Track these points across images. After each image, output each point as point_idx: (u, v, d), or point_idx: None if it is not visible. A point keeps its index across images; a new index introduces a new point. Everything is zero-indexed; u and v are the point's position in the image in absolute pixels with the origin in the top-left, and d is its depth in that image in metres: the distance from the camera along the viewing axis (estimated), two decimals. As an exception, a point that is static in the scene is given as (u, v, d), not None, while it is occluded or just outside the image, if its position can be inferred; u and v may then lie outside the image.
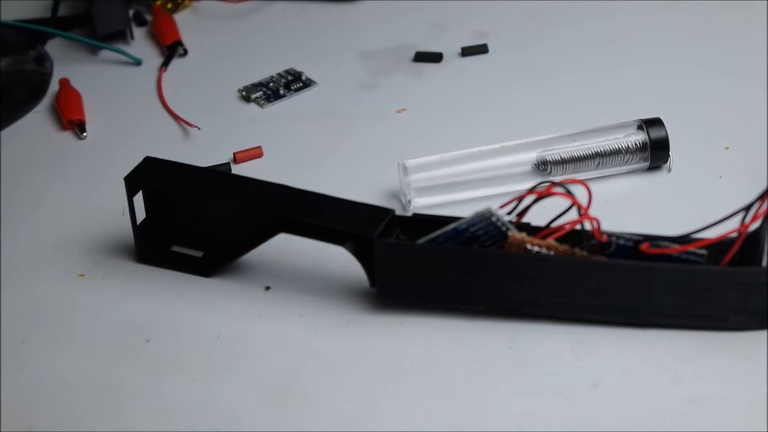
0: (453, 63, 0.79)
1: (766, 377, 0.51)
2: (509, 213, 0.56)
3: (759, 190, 0.53)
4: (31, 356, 0.56)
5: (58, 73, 0.81)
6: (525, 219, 0.56)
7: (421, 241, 0.55)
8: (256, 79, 0.79)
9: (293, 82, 0.78)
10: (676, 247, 0.53)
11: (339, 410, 0.52)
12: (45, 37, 0.85)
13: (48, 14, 0.87)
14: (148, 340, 0.56)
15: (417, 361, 0.54)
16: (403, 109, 0.75)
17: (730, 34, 0.80)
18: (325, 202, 0.58)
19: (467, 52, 0.80)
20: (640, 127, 0.65)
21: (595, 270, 0.53)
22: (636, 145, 0.65)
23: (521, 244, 0.53)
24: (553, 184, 0.54)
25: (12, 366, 0.55)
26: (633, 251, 0.54)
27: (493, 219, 0.54)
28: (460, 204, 0.64)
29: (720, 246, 0.53)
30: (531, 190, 0.55)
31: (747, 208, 0.52)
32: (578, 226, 0.54)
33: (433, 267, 0.55)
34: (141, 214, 0.61)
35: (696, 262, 0.53)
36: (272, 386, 0.53)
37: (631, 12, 0.84)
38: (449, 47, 0.81)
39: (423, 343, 0.55)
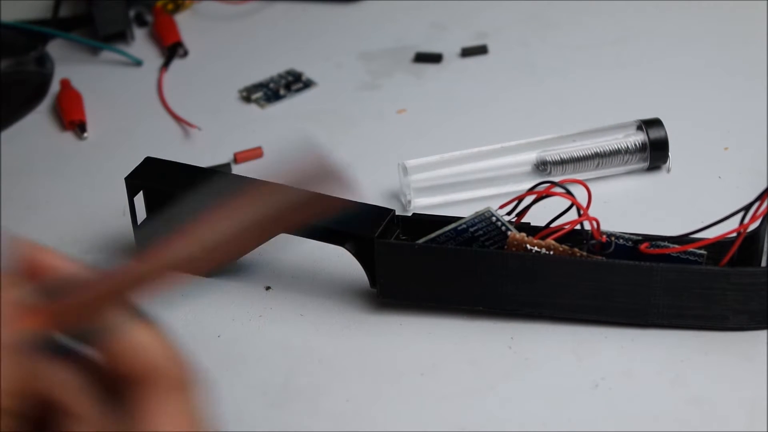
0: (453, 63, 0.80)
1: (766, 377, 0.51)
2: (509, 213, 0.56)
3: (758, 190, 0.53)
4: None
5: (59, 73, 0.81)
6: (525, 219, 0.56)
7: (421, 241, 0.55)
8: (256, 80, 0.79)
9: (293, 82, 0.78)
10: (675, 248, 0.53)
11: (339, 410, 0.52)
12: (46, 38, 0.85)
13: (49, 15, 0.87)
14: (148, 340, 0.56)
15: (417, 361, 0.54)
16: (404, 110, 0.75)
17: (730, 35, 0.80)
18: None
19: (467, 52, 0.80)
20: (639, 128, 0.65)
21: (594, 270, 0.53)
22: (635, 145, 0.65)
23: (521, 244, 0.53)
24: (553, 184, 0.54)
25: (13, 366, 0.55)
26: (632, 251, 0.54)
27: (493, 219, 0.55)
28: (460, 204, 0.64)
29: (719, 246, 0.53)
30: (531, 191, 0.55)
31: (746, 209, 0.52)
32: (578, 227, 0.54)
33: (433, 267, 0.55)
34: (142, 215, 0.61)
35: (695, 263, 0.53)
36: (272, 386, 0.53)
37: (631, 12, 0.84)
38: (449, 48, 0.81)
39: (423, 343, 0.55)
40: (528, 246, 0.53)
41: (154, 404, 0.33)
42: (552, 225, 0.55)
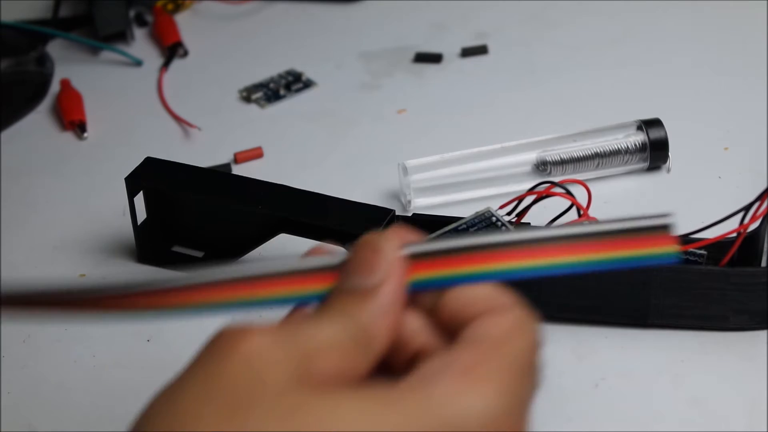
0: (453, 63, 0.80)
1: (766, 378, 0.51)
2: (509, 213, 0.56)
3: (758, 190, 0.53)
4: (32, 356, 0.56)
5: (59, 73, 0.81)
6: (525, 219, 0.56)
7: (421, 241, 0.55)
8: (256, 80, 0.79)
9: (293, 82, 0.78)
10: (675, 248, 0.53)
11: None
12: (46, 38, 0.85)
13: (49, 15, 0.87)
14: (148, 340, 0.56)
15: (417, 361, 0.54)
16: (404, 110, 0.75)
17: (730, 34, 0.80)
18: (325, 203, 0.58)
19: (467, 52, 0.80)
20: (639, 128, 0.65)
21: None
22: (635, 145, 0.65)
23: (521, 245, 0.53)
24: (553, 184, 0.55)
25: (13, 366, 0.55)
26: (633, 251, 0.53)
27: (493, 219, 0.55)
28: (460, 204, 0.64)
29: (719, 246, 0.53)
30: (531, 191, 0.55)
31: (746, 209, 0.52)
32: (578, 227, 0.54)
33: (433, 267, 0.55)
34: (142, 215, 0.61)
35: (695, 263, 0.53)
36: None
37: (631, 12, 0.84)
38: (449, 48, 0.81)
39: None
40: (528, 246, 0.53)
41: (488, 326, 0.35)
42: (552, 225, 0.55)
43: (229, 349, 0.33)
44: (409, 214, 0.59)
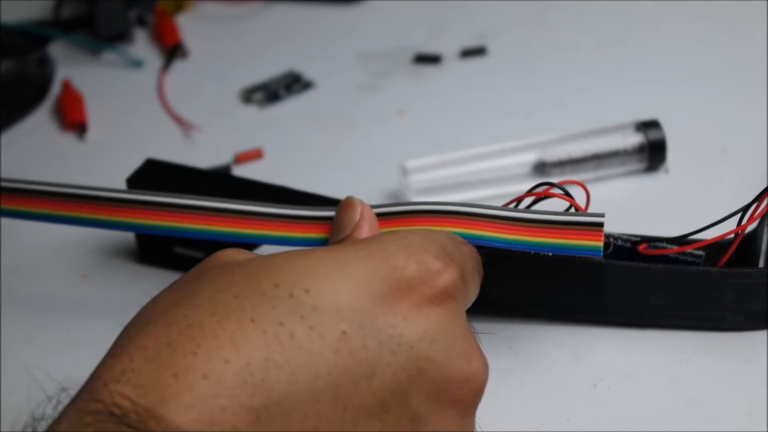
0: (453, 64, 0.80)
1: (765, 378, 0.51)
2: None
3: (756, 191, 0.53)
4: (34, 357, 0.56)
5: (60, 75, 0.82)
6: (524, 220, 0.56)
7: (421, 242, 0.55)
8: (256, 81, 0.79)
9: (293, 83, 0.78)
10: (673, 248, 0.53)
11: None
12: (47, 39, 0.85)
13: (50, 16, 0.87)
14: (149, 341, 0.56)
15: (416, 361, 0.54)
16: (403, 111, 0.75)
17: (729, 36, 0.80)
18: (325, 204, 0.58)
19: (467, 53, 0.80)
20: (638, 129, 0.65)
21: (593, 271, 0.53)
22: (634, 146, 0.65)
23: (520, 246, 0.53)
24: (552, 185, 0.55)
25: (14, 367, 0.55)
26: (631, 252, 0.54)
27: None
28: (460, 205, 0.64)
29: (717, 247, 0.53)
30: (530, 192, 0.56)
31: (744, 209, 0.52)
32: (576, 228, 0.54)
33: (433, 268, 0.55)
34: (142, 216, 0.61)
35: (693, 263, 0.53)
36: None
37: (630, 13, 0.84)
38: (449, 49, 0.81)
39: (422, 343, 0.55)
40: (527, 247, 0.53)
41: None
42: (551, 226, 0.55)
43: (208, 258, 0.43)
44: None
